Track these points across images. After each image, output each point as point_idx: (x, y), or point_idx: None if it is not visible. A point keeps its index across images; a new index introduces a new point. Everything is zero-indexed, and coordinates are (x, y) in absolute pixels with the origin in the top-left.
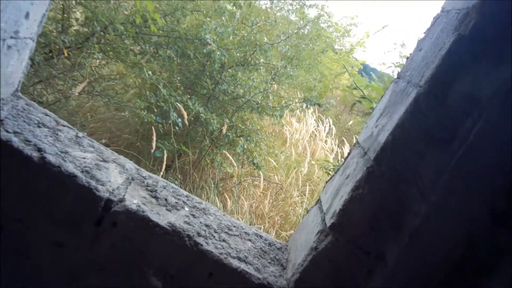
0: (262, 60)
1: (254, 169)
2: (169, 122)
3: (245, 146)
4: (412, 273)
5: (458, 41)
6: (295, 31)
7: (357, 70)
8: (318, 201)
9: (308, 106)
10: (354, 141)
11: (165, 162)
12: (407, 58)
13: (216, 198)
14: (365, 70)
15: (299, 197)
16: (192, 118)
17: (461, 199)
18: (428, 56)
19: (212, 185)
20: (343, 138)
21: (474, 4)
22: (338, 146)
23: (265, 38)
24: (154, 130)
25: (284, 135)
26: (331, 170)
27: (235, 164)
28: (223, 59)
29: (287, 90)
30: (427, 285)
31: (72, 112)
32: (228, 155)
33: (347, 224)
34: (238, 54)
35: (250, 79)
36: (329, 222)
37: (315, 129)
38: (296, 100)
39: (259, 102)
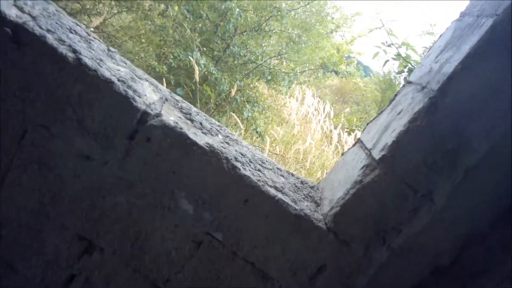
0: (277, 27)
1: (257, 137)
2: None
3: (250, 114)
4: (460, 214)
5: None
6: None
7: (356, 62)
8: (357, 142)
9: (325, 72)
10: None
11: None
12: None
13: None
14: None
15: (297, 171)
16: (199, 79)
17: None
18: None
19: None
20: (340, 123)
21: None
22: (335, 128)
23: (284, 4)
24: (164, 82)
25: (282, 113)
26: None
27: (242, 126)
28: (239, 20)
29: (294, 66)
30: (474, 226)
31: None
32: (235, 117)
33: (399, 157)
34: (251, 19)
35: (261, 45)
36: (378, 155)
37: (315, 109)
38: (312, 67)
39: (271, 67)
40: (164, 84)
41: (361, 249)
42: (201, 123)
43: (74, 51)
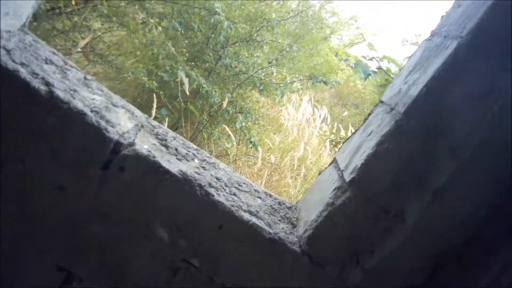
0: (268, 38)
1: (251, 147)
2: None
3: (243, 124)
4: (432, 234)
5: None
6: (302, 11)
7: (353, 63)
8: (333, 161)
9: (314, 83)
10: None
11: None
12: (442, 16)
13: None
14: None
15: (292, 179)
16: (190, 92)
17: (491, 158)
18: (471, 9)
19: None
20: (339, 124)
21: None
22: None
23: (274, 15)
24: (155, 97)
25: (279, 120)
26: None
27: (234, 139)
28: (229, 32)
29: (287, 74)
30: (445, 247)
31: None
32: (227, 129)
33: (368, 180)
34: (242, 30)
35: (253, 56)
36: (348, 177)
37: (310, 115)
38: (302, 77)
39: (262, 78)
40: (155, 100)
41: (335, 271)
42: (176, 149)
43: (47, 83)
